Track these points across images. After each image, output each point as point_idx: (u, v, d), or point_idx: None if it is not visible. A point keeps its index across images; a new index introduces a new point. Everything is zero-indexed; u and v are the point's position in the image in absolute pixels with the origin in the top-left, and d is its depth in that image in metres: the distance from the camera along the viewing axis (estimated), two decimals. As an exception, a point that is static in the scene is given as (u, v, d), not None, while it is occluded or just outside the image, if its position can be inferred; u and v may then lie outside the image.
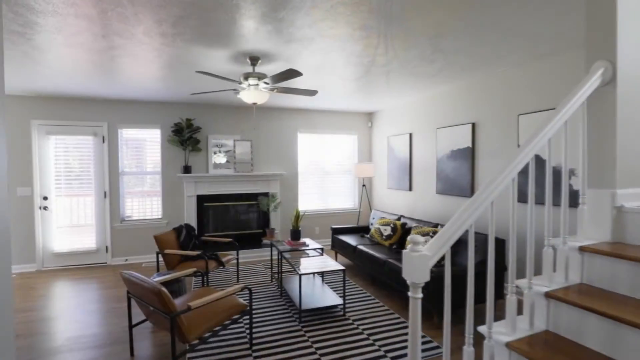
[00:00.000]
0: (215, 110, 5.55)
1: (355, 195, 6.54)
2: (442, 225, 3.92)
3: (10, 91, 4.44)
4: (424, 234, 3.86)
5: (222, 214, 5.62)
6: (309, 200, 6.21)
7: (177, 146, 5.32)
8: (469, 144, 4.24)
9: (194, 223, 5.37)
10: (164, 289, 2.07)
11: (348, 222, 6.45)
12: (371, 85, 4.38)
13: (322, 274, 4.03)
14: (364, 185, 5.97)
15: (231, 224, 5.69)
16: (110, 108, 5.03)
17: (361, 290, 3.93)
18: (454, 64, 3.53)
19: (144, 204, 5.29)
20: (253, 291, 3.90)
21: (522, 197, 3.52)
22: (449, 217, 4.57)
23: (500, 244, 3.27)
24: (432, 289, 2.99)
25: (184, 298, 2.66)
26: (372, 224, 5.27)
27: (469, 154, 4.24)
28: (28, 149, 4.72)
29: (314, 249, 3.89)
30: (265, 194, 5.79)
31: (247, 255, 5.27)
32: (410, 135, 5.39)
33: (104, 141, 5.01)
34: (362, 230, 5.34)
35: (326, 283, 4.11)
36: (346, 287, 4.00)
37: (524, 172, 3.39)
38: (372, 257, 4.03)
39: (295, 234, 4.05)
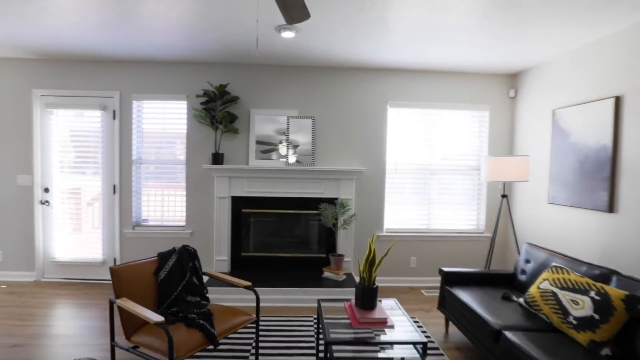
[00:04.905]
0: (259, 71, 3.74)
1: (481, 210, 3.98)
2: None
3: (6, 52, 3.38)
4: None
5: (266, 225, 3.81)
6: (400, 214, 3.93)
7: (206, 125, 3.68)
8: None
9: (226, 235, 3.67)
10: None
11: (468, 257, 3.93)
12: (528, 8, 1.91)
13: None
14: (503, 196, 3.39)
15: (279, 240, 3.83)
16: (122, 72, 3.66)
17: None
18: None
19: (167, 205, 3.82)
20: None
21: None
22: None
23: None
24: None
25: None
26: (524, 272, 2.73)
27: None
28: (29, 126, 3.66)
29: (410, 343, 1.68)
30: (332, 201, 3.75)
31: (294, 298, 3.29)
32: (617, 100, 2.66)
33: (114, 117, 3.68)
34: (502, 282, 2.83)
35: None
36: None
37: None
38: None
39: (366, 298, 1.87)
